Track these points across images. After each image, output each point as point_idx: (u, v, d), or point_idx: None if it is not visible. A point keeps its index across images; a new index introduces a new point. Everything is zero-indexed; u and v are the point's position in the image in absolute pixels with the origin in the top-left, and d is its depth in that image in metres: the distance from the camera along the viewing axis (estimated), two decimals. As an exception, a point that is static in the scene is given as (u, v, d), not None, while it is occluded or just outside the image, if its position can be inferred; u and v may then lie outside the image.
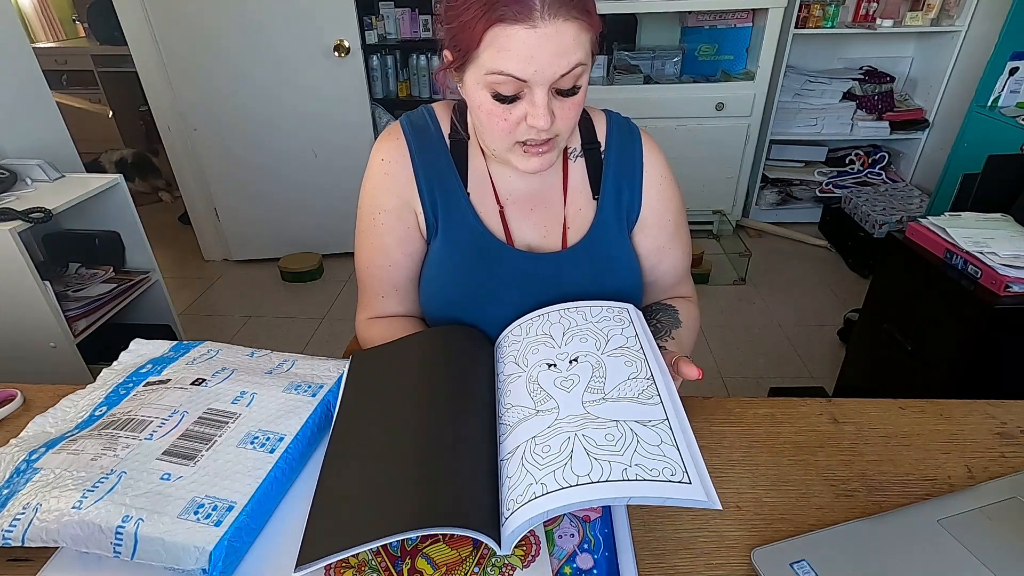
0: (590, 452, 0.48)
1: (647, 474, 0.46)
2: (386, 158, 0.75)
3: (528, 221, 0.77)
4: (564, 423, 0.52)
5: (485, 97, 0.63)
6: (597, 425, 0.51)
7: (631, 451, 0.48)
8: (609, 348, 0.60)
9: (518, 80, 0.60)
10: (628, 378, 0.56)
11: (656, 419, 0.51)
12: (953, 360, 1.21)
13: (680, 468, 0.46)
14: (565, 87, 0.62)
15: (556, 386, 0.56)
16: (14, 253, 1.29)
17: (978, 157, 1.54)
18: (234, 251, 2.71)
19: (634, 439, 0.49)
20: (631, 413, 0.52)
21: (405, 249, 0.78)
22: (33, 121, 1.67)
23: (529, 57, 0.58)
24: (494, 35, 0.58)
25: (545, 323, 0.66)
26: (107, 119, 3.85)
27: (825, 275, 2.54)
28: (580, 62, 0.60)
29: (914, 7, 2.52)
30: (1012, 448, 0.64)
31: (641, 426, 0.50)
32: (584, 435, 0.50)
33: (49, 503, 0.49)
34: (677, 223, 0.81)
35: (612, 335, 0.62)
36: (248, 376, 0.66)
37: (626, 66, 2.67)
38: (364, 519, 0.48)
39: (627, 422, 0.51)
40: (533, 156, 0.67)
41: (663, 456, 0.47)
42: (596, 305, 0.68)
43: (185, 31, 2.22)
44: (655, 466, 0.46)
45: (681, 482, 0.45)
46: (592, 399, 0.54)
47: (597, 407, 0.53)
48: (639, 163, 0.78)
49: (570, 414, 0.53)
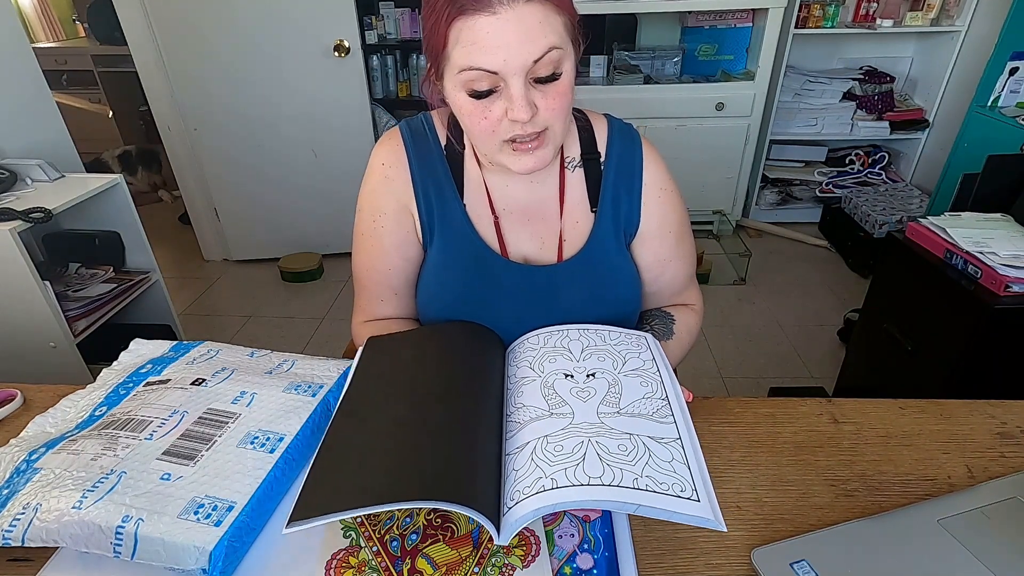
0: (603, 457, 0.49)
1: (657, 487, 0.46)
2: (386, 162, 0.75)
3: (524, 233, 0.76)
4: (578, 428, 0.52)
5: (463, 98, 0.61)
6: (611, 435, 0.51)
7: (643, 463, 0.48)
8: (626, 369, 0.61)
9: (489, 73, 0.58)
10: (643, 397, 0.57)
11: (669, 437, 0.52)
12: (953, 360, 1.21)
13: (690, 486, 0.47)
14: (543, 74, 0.59)
15: (572, 395, 0.57)
16: (14, 253, 1.29)
17: (978, 157, 1.54)
18: (234, 251, 2.71)
19: (646, 453, 0.50)
20: (645, 429, 0.52)
21: (403, 253, 0.77)
22: (33, 121, 1.67)
23: (495, 47, 0.56)
24: (458, 30, 0.57)
25: (564, 338, 0.67)
26: (107, 119, 3.85)
27: (825, 275, 2.54)
28: (553, 45, 0.57)
29: (914, 7, 2.52)
30: (1012, 448, 0.64)
31: (654, 442, 0.51)
32: (598, 441, 0.50)
33: (49, 503, 0.49)
34: (679, 234, 0.79)
35: (629, 357, 0.64)
36: (248, 376, 0.66)
37: (626, 66, 2.67)
38: (368, 484, 0.48)
39: (640, 436, 0.51)
40: (524, 154, 0.64)
41: (674, 472, 0.48)
42: (615, 330, 0.69)
43: (185, 31, 2.22)
44: (666, 480, 0.47)
45: (690, 499, 0.46)
46: (607, 411, 0.55)
47: (611, 419, 0.54)
48: (638, 174, 0.76)
49: (585, 421, 0.53)
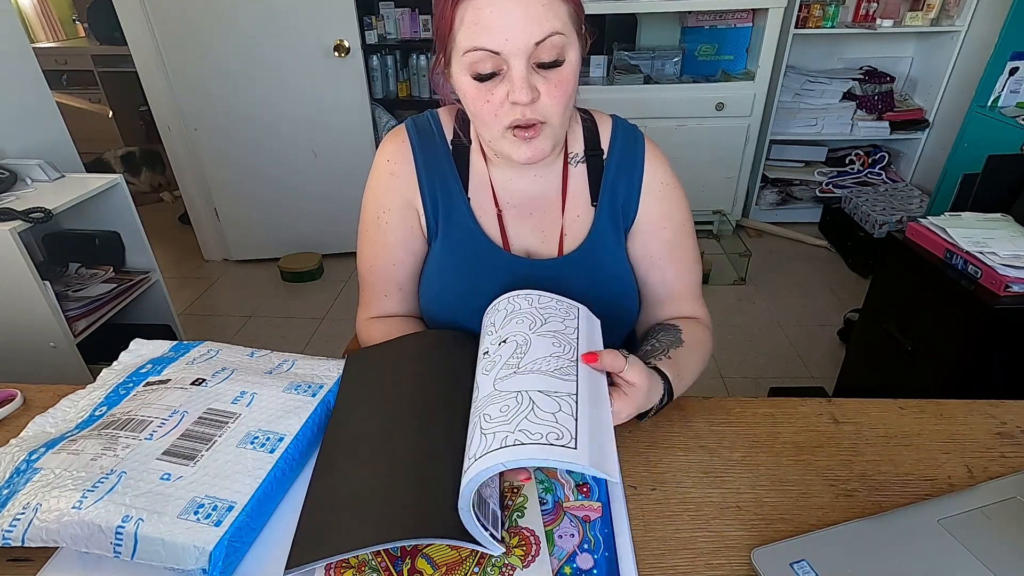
0: (484, 430, 0.47)
1: (527, 438, 0.45)
2: (392, 159, 0.75)
3: (526, 226, 0.77)
4: (477, 409, 0.51)
5: (468, 81, 0.62)
6: (498, 399, 0.50)
7: (520, 419, 0.47)
8: (542, 330, 0.58)
9: (492, 53, 0.59)
10: (549, 355, 0.54)
11: (563, 392, 0.50)
12: (953, 360, 1.21)
13: (569, 434, 0.45)
14: (545, 59, 0.60)
15: (482, 372, 0.55)
16: (14, 253, 1.29)
17: (978, 157, 1.54)
18: (234, 251, 2.71)
19: (529, 406, 0.48)
20: (537, 384, 0.51)
21: (408, 248, 0.78)
22: (33, 121, 1.67)
23: (498, 27, 0.57)
24: (463, 11, 0.59)
25: (493, 311, 0.64)
26: (107, 119, 3.85)
27: (825, 275, 2.54)
28: (556, 30, 0.59)
29: (914, 7, 2.52)
30: (1012, 448, 0.64)
31: (543, 395, 0.49)
32: (485, 414, 0.49)
33: (49, 503, 0.49)
34: (677, 235, 0.77)
35: (551, 319, 0.60)
36: (248, 376, 0.66)
37: (626, 66, 2.67)
38: (358, 523, 0.48)
39: (529, 392, 0.50)
40: (523, 142, 0.65)
41: (554, 423, 0.46)
42: (547, 296, 0.65)
43: (185, 31, 2.22)
44: (539, 430, 0.45)
45: (566, 446, 0.44)
46: (504, 375, 0.53)
47: (505, 382, 0.52)
48: (639, 169, 0.76)
49: (483, 396, 0.52)
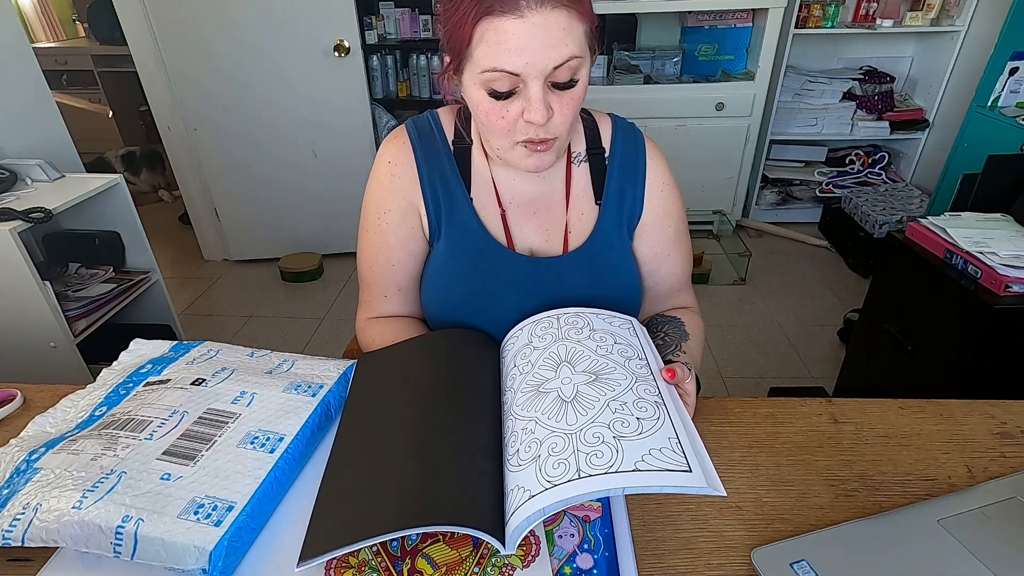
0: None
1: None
2: (393, 160, 0.75)
3: (530, 225, 0.77)
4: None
5: (482, 96, 0.62)
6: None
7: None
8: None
9: (511, 75, 0.59)
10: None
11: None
12: (953, 360, 1.21)
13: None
14: (561, 80, 0.61)
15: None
16: (14, 253, 1.29)
17: (978, 157, 1.54)
18: (234, 251, 2.71)
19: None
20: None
21: (409, 249, 0.78)
22: (33, 121, 1.67)
23: (520, 49, 0.57)
24: (483, 29, 0.58)
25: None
26: (107, 119, 3.85)
27: (825, 275, 2.54)
28: (574, 55, 0.59)
29: (914, 7, 2.52)
30: (1012, 448, 0.64)
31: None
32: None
33: (49, 503, 0.49)
34: (678, 230, 0.81)
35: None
36: (248, 376, 0.66)
37: (626, 66, 2.67)
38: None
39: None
40: (532, 154, 0.66)
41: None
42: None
43: (185, 31, 2.22)
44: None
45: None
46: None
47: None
48: (642, 168, 0.78)
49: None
